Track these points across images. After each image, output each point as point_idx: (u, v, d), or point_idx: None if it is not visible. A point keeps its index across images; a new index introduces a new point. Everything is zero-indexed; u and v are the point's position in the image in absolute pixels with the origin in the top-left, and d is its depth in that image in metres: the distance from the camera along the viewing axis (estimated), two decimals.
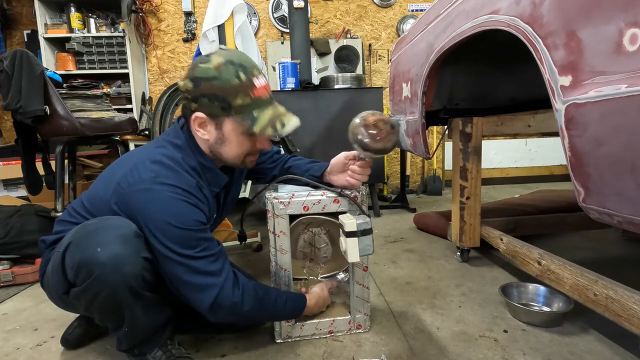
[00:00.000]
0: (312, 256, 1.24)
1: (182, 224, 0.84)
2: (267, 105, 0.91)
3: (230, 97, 0.86)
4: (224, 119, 0.90)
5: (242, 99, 0.87)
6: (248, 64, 0.89)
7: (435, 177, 3.61)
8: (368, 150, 0.99)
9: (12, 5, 3.33)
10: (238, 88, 0.86)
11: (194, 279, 0.86)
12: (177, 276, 0.86)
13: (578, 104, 0.68)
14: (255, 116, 0.89)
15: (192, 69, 0.88)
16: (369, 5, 3.57)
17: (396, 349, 1.06)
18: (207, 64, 0.86)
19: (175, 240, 0.84)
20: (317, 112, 2.62)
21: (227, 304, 0.88)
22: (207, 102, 0.87)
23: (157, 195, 0.84)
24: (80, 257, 0.81)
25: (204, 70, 0.86)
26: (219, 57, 0.87)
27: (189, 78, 0.88)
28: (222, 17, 2.21)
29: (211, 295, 0.86)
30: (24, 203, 2.12)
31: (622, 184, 0.62)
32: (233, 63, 0.86)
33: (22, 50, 1.68)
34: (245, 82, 0.87)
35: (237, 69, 0.86)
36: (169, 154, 0.91)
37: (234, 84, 0.86)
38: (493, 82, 1.68)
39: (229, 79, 0.86)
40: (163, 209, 0.84)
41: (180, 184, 0.87)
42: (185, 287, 0.87)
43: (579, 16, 0.69)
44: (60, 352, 1.11)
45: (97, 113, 1.92)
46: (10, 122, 2.85)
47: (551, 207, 2.12)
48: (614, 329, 1.07)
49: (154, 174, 0.86)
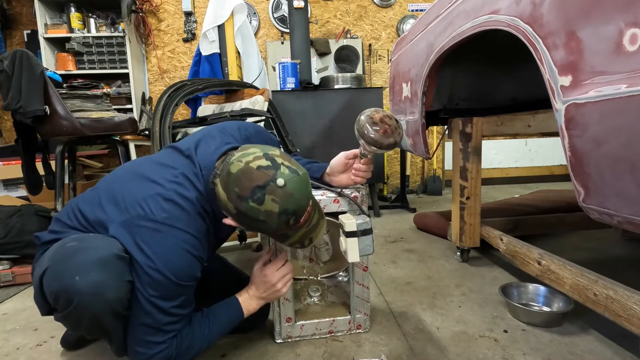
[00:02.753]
0: (312, 256, 1.24)
1: (176, 278, 0.80)
2: (303, 227, 0.88)
3: (272, 235, 0.88)
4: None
5: (283, 235, 0.87)
6: (302, 207, 0.82)
7: (435, 177, 3.61)
8: (378, 146, 0.99)
9: (12, 5, 3.33)
10: (283, 232, 0.85)
11: (149, 332, 0.83)
12: (138, 319, 0.82)
13: (578, 104, 0.68)
14: (289, 235, 0.88)
15: (239, 199, 0.78)
16: (369, 5, 3.57)
17: (396, 349, 1.06)
18: (258, 205, 0.77)
19: (159, 290, 0.80)
20: (317, 112, 2.62)
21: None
22: (247, 226, 0.86)
23: (163, 240, 0.80)
24: (59, 285, 0.75)
25: (253, 211, 0.78)
26: (273, 204, 0.77)
27: (234, 206, 0.80)
28: (222, 17, 2.22)
29: (152, 352, 0.84)
30: (24, 203, 2.12)
31: (622, 184, 0.62)
32: (287, 213, 0.79)
33: (22, 50, 1.68)
34: (292, 225, 0.83)
35: (289, 218, 0.80)
36: (184, 193, 0.86)
37: (280, 230, 0.83)
38: (493, 82, 1.68)
39: (278, 228, 0.81)
40: (164, 257, 0.80)
41: (191, 230, 0.84)
42: (138, 333, 0.84)
43: (579, 16, 0.69)
44: (60, 352, 1.11)
45: (97, 113, 1.92)
46: (10, 122, 2.85)
47: (551, 207, 2.12)
48: (614, 329, 1.07)
49: (165, 214, 0.82)
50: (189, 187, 0.87)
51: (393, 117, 1.01)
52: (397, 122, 1.01)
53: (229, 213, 0.84)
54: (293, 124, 2.53)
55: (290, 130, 2.30)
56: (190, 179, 0.89)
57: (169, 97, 1.91)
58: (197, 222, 0.86)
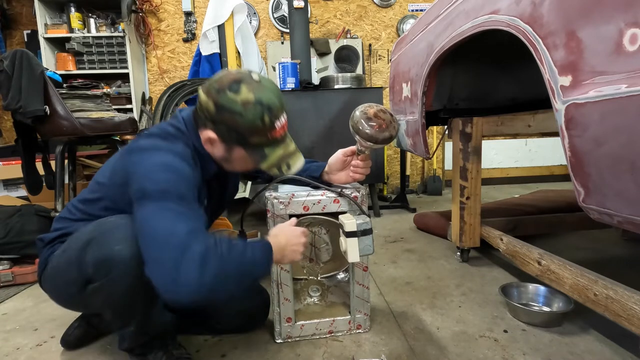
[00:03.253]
0: (312, 256, 1.24)
1: (173, 169, 0.81)
2: (280, 143, 0.92)
3: (248, 135, 0.87)
4: (235, 147, 0.90)
5: (259, 138, 0.88)
6: (275, 104, 0.87)
7: (435, 177, 3.61)
8: (374, 141, 0.99)
9: (12, 5, 3.33)
10: (259, 130, 0.86)
11: (167, 218, 0.75)
12: (145, 217, 0.77)
13: (578, 104, 0.68)
14: (266, 153, 0.90)
15: (218, 92, 0.84)
16: (369, 5, 3.57)
17: (396, 349, 1.06)
18: (235, 95, 0.83)
19: (159, 180, 0.78)
20: (317, 112, 2.62)
21: (197, 256, 0.73)
22: (224, 130, 0.87)
23: (152, 154, 0.84)
24: (99, 254, 0.80)
25: (230, 101, 0.84)
26: (248, 93, 0.84)
27: (213, 100, 0.85)
28: (222, 17, 2.22)
29: (183, 230, 0.74)
30: (24, 203, 2.12)
31: (622, 184, 0.62)
32: (262, 104, 0.84)
33: (22, 50, 1.68)
34: (268, 125, 0.86)
35: (263, 111, 0.84)
36: (165, 129, 0.92)
37: (256, 125, 0.85)
38: (493, 82, 1.68)
39: (253, 120, 0.84)
40: (156, 159, 0.82)
41: (176, 149, 0.86)
42: (159, 226, 0.75)
43: (579, 16, 0.69)
44: (60, 352, 1.11)
45: (97, 113, 1.92)
46: (10, 122, 2.85)
47: (551, 207, 2.12)
48: (614, 329, 1.07)
49: (149, 143, 0.86)
50: (171, 128, 0.93)
51: (387, 111, 1.01)
52: (391, 115, 1.01)
53: (208, 116, 0.87)
54: (293, 124, 2.52)
55: (290, 130, 2.30)
56: (173, 123, 0.95)
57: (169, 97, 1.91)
58: (182, 147, 0.88)
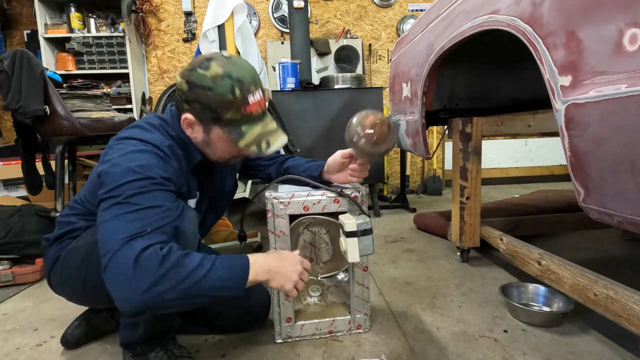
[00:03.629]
0: (312, 256, 1.24)
1: (142, 170, 0.79)
2: (257, 121, 0.91)
3: (221, 111, 0.86)
4: (212, 127, 0.90)
5: (233, 114, 0.87)
6: (246, 78, 0.86)
7: (435, 177, 3.61)
8: (367, 155, 0.99)
9: (12, 5, 3.33)
10: (230, 104, 0.85)
11: (126, 221, 0.74)
12: (100, 218, 0.76)
13: (578, 104, 0.68)
14: (243, 131, 0.89)
15: (190, 71, 0.87)
16: (369, 5, 3.57)
17: (396, 349, 1.06)
18: (205, 71, 0.85)
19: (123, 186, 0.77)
20: (317, 112, 2.62)
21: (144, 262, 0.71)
22: (198, 109, 0.87)
23: (125, 146, 0.83)
24: None
25: (200, 77, 0.85)
26: (217, 67, 0.85)
27: (185, 80, 0.87)
28: (222, 17, 2.21)
29: (136, 245, 0.71)
30: (24, 203, 2.12)
31: (622, 184, 0.62)
32: (231, 77, 0.84)
33: (22, 50, 1.68)
34: (239, 98, 0.85)
35: (233, 84, 0.84)
36: (149, 120, 0.93)
37: (227, 99, 0.85)
38: (493, 82, 1.68)
39: (223, 93, 0.84)
40: (127, 155, 0.81)
41: (151, 140, 0.86)
42: (114, 229, 0.73)
43: (579, 16, 0.69)
44: (60, 352, 1.11)
45: (97, 113, 1.92)
46: (10, 122, 2.85)
47: (551, 207, 2.12)
48: (614, 329, 1.07)
49: (128, 132, 0.88)
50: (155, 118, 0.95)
51: (385, 122, 0.97)
52: (389, 127, 0.97)
53: (183, 96, 0.89)
54: (293, 124, 2.53)
55: (290, 130, 2.31)
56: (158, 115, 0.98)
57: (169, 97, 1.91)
58: (159, 137, 0.89)
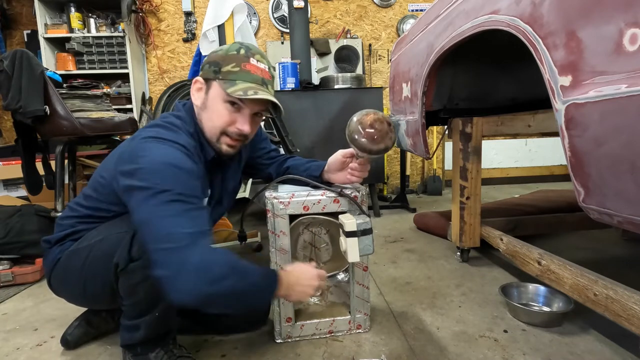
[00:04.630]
0: (312, 256, 1.24)
1: (180, 164, 0.81)
2: (254, 81, 0.92)
3: (222, 62, 0.92)
4: (212, 83, 0.93)
5: (232, 67, 0.91)
6: (256, 49, 0.95)
7: (435, 177, 3.61)
8: (367, 152, 0.99)
9: (12, 5, 3.33)
10: (232, 58, 0.91)
11: (167, 219, 0.76)
12: (148, 214, 0.77)
13: (578, 104, 0.68)
14: (236, 83, 0.90)
15: (214, 53, 0.96)
16: (369, 5, 3.57)
17: (396, 349, 1.06)
18: (224, 45, 0.96)
19: (163, 177, 0.78)
20: (317, 112, 2.62)
21: (197, 262, 0.74)
22: (206, 68, 0.94)
23: (154, 144, 0.83)
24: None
25: (219, 52, 0.94)
26: (235, 44, 0.95)
27: (208, 60, 0.95)
28: (222, 17, 2.21)
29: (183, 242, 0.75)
30: (24, 203, 2.12)
31: (622, 184, 0.62)
32: (242, 44, 0.94)
33: (22, 50, 1.68)
34: (242, 55, 0.92)
35: (241, 46, 0.93)
36: (169, 120, 0.94)
37: (230, 53, 0.92)
38: (493, 82, 1.68)
39: (229, 49, 0.93)
40: (159, 152, 0.81)
41: (180, 141, 0.87)
42: (157, 228, 0.76)
43: (579, 16, 0.69)
44: (60, 352, 1.11)
45: (97, 113, 1.91)
46: (10, 122, 2.85)
47: (551, 207, 2.12)
48: (614, 329, 1.07)
49: (153, 132, 0.87)
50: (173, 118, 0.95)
51: (385, 121, 0.98)
52: (389, 125, 0.98)
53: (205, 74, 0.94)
54: (293, 124, 2.53)
55: (290, 130, 2.30)
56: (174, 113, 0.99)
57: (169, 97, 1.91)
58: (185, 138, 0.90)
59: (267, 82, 0.94)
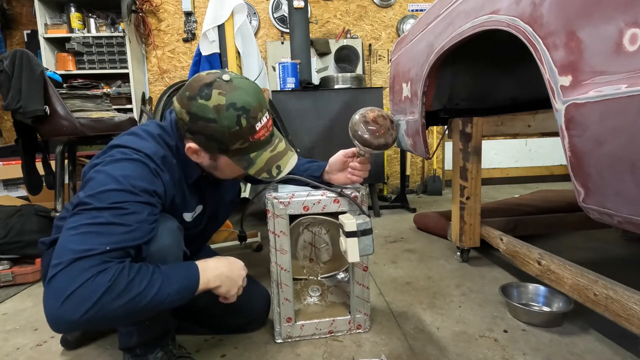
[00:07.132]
0: (312, 256, 1.24)
1: (125, 180, 0.74)
2: (266, 145, 0.88)
3: (228, 142, 0.83)
4: (219, 155, 0.87)
5: (241, 144, 0.84)
6: (251, 104, 0.81)
7: (435, 177, 3.61)
8: (369, 146, 0.99)
9: (12, 5, 3.33)
10: (237, 135, 0.81)
11: (87, 233, 0.70)
12: (74, 227, 0.71)
13: (578, 104, 0.68)
14: (252, 158, 0.86)
15: (190, 100, 0.80)
16: (369, 5, 3.57)
17: (396, 349, 1.06)
18: (206, 101, 0.79)
19: (100, 194, 0.73)
20: (317, 112, 2.62)
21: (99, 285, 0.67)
22: (203, 140, 0.83)
23: (115, 153, 0.80)
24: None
25: (202, 109, 0.79)
26: (219, 97, 0.79)
27: (186, 110, 0.81)
28: (222, 17, 2.21)
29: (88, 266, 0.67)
30: (24, 203, 2.12)
31: (622, 184, 0.62)
32: (235, 106, 0.79)
33: (22, 50, 1.68)
34: (246, 128, 0.81)
35: (238, 114, 0.80)
36: (147, 128, 0.89)
37: (233, 130, 0.80)
38: (493, 82, 1.68)
39: (229, 125, 0.80)
40: (113, 164, 0.77)
41: (144, 149, 0.82)
42: (66, 245, 0.69)
43: (579, 16, 0.69)
44: (60, 352, 1.11)
45: (97, 113, 1.91)
46: (10, 122, 2.85)
47: (551, 207, 2.12)
48: (614, 329, 1.07)
49: (123, 139, 0.84)
50: (154, 126, 0.91)
51: (388, 117, 1.00)
52: (391, 122, 1.00)
53: (185, 126, 0.83)
54: (293, 124, 2.53)
55: (290, 130, 2.30)
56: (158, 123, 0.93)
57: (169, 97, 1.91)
58: (154, 146, 0.85)
59: (272, 130, 0.90)
